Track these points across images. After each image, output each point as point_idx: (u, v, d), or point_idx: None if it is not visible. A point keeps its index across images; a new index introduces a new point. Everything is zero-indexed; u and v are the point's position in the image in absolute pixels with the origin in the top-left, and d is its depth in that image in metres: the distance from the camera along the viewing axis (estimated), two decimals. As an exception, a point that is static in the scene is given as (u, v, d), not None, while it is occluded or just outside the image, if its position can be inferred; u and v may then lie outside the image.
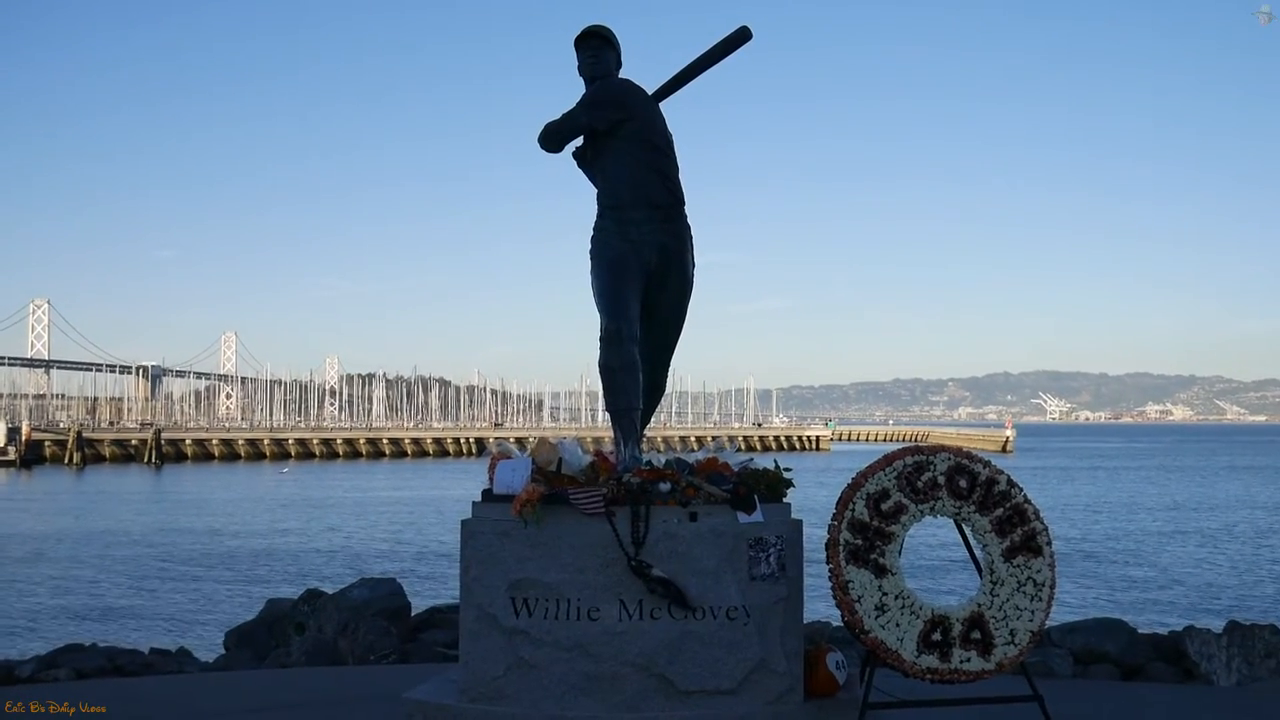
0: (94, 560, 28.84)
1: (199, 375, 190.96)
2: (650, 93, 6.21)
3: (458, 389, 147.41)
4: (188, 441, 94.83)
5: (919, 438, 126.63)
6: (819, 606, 8.66)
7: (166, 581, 25.03)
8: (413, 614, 11.79)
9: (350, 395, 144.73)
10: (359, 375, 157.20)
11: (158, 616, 20.56)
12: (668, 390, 6.58)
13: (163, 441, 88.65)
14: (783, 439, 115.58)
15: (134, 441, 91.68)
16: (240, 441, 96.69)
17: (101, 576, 25.93)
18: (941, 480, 5.61)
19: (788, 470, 5.71)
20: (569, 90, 6.25)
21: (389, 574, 17.87)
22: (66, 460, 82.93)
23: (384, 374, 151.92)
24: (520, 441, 6.11)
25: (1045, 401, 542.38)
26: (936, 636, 5.47)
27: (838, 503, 5.60)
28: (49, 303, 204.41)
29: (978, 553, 5.71)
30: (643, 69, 6.21)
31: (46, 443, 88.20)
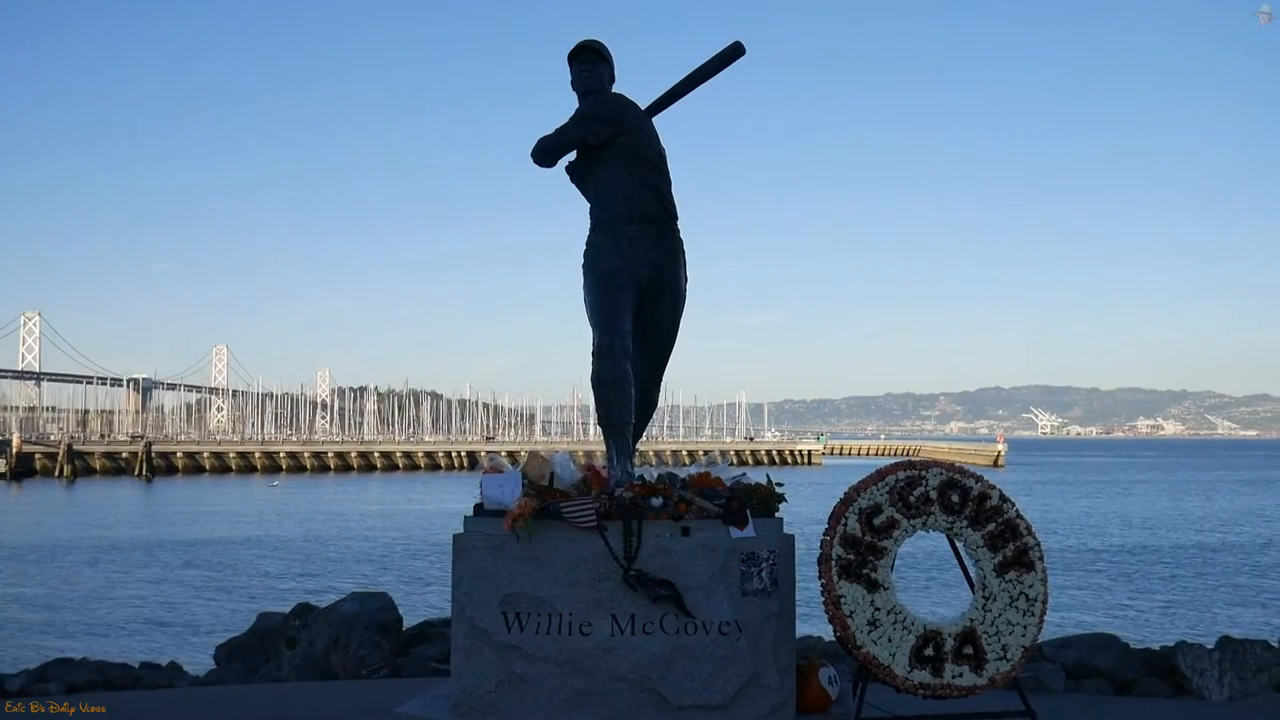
0: (83, 573, 28.71)
1: (190, 388, 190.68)
2: (644, 107, 6.24)
3: (449, 402, 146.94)
4: (179, 454, 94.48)
5: (911, 452, 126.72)
6: (811, 622, 8.66)
7: (157, 594, 24.94)
8: (404, 628, 11.72)
9: (341, 408, 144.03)
10: (350, 389, 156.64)
11: (147, 630, 20.48)
12: (660, 404, 6.59)
13: (153, 454, 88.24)
14: (775, 453, 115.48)
15: (125, 454, 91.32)
16: (231, 454, 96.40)
17: (91, 589, 25.81)
18: (934, 495, 5.61)
19: (780, 485, 5.72)
20: (562, 104, 6.27)
21: (380, 588, 17.82)
22: (57, 473, 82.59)
23: (375, 387, 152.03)
24: (512, 455, 6.11)
25: (1036, 416, 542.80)
26: (929, 652, 5.47)
27: (830, 518, 5.61)
28: (40, 315, 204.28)
29: (970, 568, 5.71)
30: (636, 84, 6.24)
31: (37, 455, 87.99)
